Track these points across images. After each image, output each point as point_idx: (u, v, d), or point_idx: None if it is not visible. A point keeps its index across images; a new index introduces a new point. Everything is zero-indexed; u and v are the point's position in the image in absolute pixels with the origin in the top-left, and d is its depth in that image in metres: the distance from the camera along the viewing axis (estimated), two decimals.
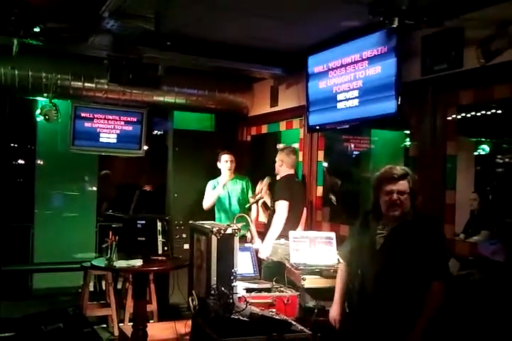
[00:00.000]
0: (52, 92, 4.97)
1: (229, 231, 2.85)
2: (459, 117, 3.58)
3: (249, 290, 3.39)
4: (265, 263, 4.29)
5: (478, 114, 3.80)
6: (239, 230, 2.89)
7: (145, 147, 5.88)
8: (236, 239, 2.87)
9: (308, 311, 3.38)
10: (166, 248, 4.14)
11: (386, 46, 3.70)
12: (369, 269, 2.69)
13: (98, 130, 5.58)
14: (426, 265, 2.57)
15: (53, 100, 5.08)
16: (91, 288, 5.30)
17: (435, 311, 2.52)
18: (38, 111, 5.16)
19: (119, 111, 5.63)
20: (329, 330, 2.97)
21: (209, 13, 3.72)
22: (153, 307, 5.05)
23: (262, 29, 4.08)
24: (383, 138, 6.12)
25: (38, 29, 3.86)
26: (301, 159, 5.03)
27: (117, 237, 3.94)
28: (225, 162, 5.14)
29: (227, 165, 5.13)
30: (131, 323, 4.22)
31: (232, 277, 2.80)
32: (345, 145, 6.24)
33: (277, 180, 4.67)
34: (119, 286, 5.51)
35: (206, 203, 5.19)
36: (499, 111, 3.76)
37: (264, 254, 4.25)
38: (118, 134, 5.67)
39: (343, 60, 4.16)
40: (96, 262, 3.99)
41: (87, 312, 4.85)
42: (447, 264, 2.73)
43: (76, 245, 6.33)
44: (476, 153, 4.42)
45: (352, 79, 4.06)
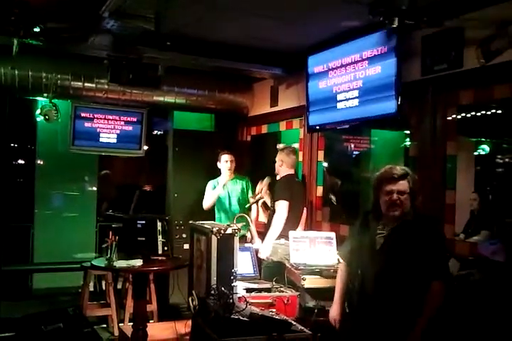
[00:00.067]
0: (52, 92, 4.97)
1: (229, 231, 2.85)
2: (459, 117, 3.58)
3: (249, 290, 3.39)
4: (265, 263, 4.30)
5: (478, 114, 3.79)
6: (239, 230, 2.89)
7: (145, 147, 5.88)
8: (236, 239, 2.87)
9: (308, 311, 3.38)
10: (166, 248, 4.14)
11: (386, 46, 3.70)
12: (369, 269, 2.69)
13: (98, 130, 5.58)
14: (426, 265, 2.57)
15: (53, 100, 5.08)
16: (91, 288, 5.30)
17: (435, 311, 2.52)
18: (38, 111, 5.16)
19: (119, 111, 5.63)
20: (329, 330, 2.97)
21: (209, 13, 3.72)
22: (153, 307, 5.05)
23: (262, 29, 4.08)
24: (383, 138, 6.11)
25: (38, 29, 3.86)
26: (301, 159, 5.03)
27: (117, 237, 3.94)
28: (225, 162, 5.15)
29: (227, 165, 5.14)
30: (131, 323, 4.22)
31: (232, 277, 2.80)
32: (345, 145, 6.24)
33: (277, 180, 4.67)
34: (119, 286, 5.51)
35: (206, 203, 5.19)
36: (499, 111, 3.76)
37: (264, 254, 4.25)
38: (118, 134, 5.67)
39: (343, 60, 4.16)
40: (96, 262, 3.99)
41: (87, 312, 4.85)
42: (447, 264, 2.73)
43: (76, 245, 6.33)
44: (476, 153, 4.41)
45: (352, 79, 4.06)
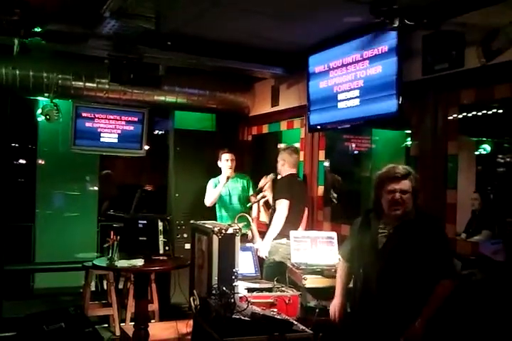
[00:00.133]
0: (53, 92, 4.97)
1: (230, 231, 2.85)
2: (460, 117, 3.58)
3: (250, 289, 3.39)
4: (266, 262, 4.30)
5: (479, 114, 3.78)
6: (240, 230, 2.90)
7: (146, 147, 5.87)
8: (237, 239, 2.87)
9: (309, 311, 3.39)
10: (168, 248, 4.14)
11: (387, 45, 3.70)
12: (371, 268, 2.68)
13: (99, 130, 5.58)
14: (433, 264, 2.58)
15: (54, 100, 5.07)
16: (92, 288, 5.31)
17: (441, 302, 2.54)
18: (39, 111, 5.16)
19: (120, 110, 5.62)
20: (331, 330, 2.97)
21: (209, 13, 3.72)
22: (154, 306, 5.06)
23: (263, 29, 4.08)
24: (384, 137, 6.10)
25: (39, 29, 3.87)
26: (302, 159, 5.03)
27: (119, 237, 3.95)
28: (226, 161, 5.15)
29: (227, 164, 5.14)
30: (132, 323, 4.22)
31: (233, 277, 2.80)
32: (346, 144, 6.23)
33: (279, 180, 4.67)
34: (121, 286, 5.51)
35: (208, 201, 5.20)
36: (500, 110, 3.74)
37: (263, 253, 4.26)
38: (119, 134, 5.66)
39: (344, 60, 4.15)
40: (97, 262, 4.00)
41: (89, 311, 4.86)
42: (453, 263, 2.74)
43: (77, 245, 6.33)
44: (477, 153, 4.40)
45: (353, 78, 4.06)
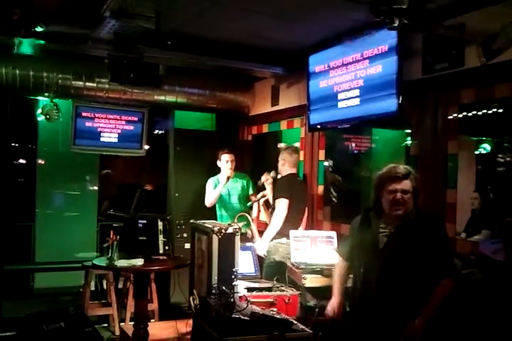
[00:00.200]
0: (53, 92, 4.98)
1: (230, 230, 2.85)
2: (460, 116, 3.58)
3: (250, 289, 3.39)
4: (266, 262, 4.30)
5: (479, 113, 3.78)
6: (240, 229, 2.90)
7: (146, 146, 5.88)
8: (237, 239, 2.87)
9: (309, 310, 3.39)
10: (167, 247, 4.14)
11: (387, 45, 3.69)
12: (372, 268, 2.68)
13: (99, 129, 5.58)
14: (433, 264, 2.58)
15: (54, 99, 5.08)
16: (92, 288, 5.30)
17: (441, 302, 2.54)
18: (39, 110, 5.16)
19: (120, 110, 5.63)
20: (330, 329, 2.96)
21: (210, 13, 3.72)
22: (154, 306, 5.06)
23: (263, 28, 4.08)
24: (384, 137, 6.10)
25: (39, 29, 3.87)
26: (302, 158, 5.03)
27: (118, 236, 3.95)
28: (226, 162, 5.13)
29: (227, 165, 5.13)
30: (132, 322, 4.22)
31: (233, 276, 2.80)
32: (346, 144, 6.23)
33: (278, 179, 4.67)
34: (120, 286, 5.51)
35: (208, 201, 5.20)
36: (500, 110, 3.74)
37: (260, 251, 4.26)
38: (119, 133, 5.67)
39: (344, 59, 4.15)
40: (97, 261, 4.00)
41: (89, 311, 4.86)
42: (454, 262, 2.74)
43: (77, 244, 6.32)
44: (477, 152, 4.40)
45: (353, 78, 4.06)
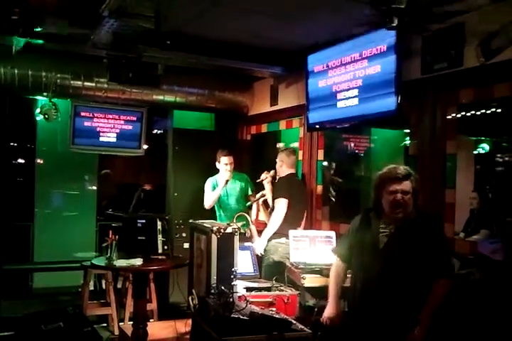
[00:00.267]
0: (51, 91, 4.97)
1: (229, 230, 2.85)
2: (459, 116, 3.58)
3: (249, 289, 3.39)
4: (265, 262, 4.31)
5: (478, 113, 3.78)
6: (239, 229, 2.90)
7: (145, 146, 5.87)
8: (236, 238, 2.87)
9: (308, 310, 3.39)
10: (166, 247, 4.14)
11: (385, 44, 3.69)
12: (372, 268, 2.68)
13: (98, 129, 5.57)
14: (432, 263, 2.59)
15: (53, 99, 5.08)
16: (91, 287, 5.29)
17: (441, 300, 2.55)
18: (38, 110, 5.16)
19: (119, 110, 5.62)
20: (329, 329, 2.96)
21: (209, 12, 3.72)
22: (153, 306, 5.05)
23: (262, 28, 4.07)
24: (383, 137, 6.10)
25: (38, 28, 3.86)
26: (300, 158, 5.03)
27: (117, 236, 3.95)
28: (225, 165, 5.10)
29: (226, 167, 5.10)
30: (131, 322, 4.22)
31: (232, 276, 2.80)
32: (345, 144, 6.23)
33: (278, 179, 4.67)
34: (119, 285, 5.50)
35: (207, 203, 5.19)
36: (499, 109, 3.75)
37: (258, 250, 4.28)
38: (118, 133, 5.66)
39: (343, 59, 4.15)
40: (96, 261, 4.00)
41: (87, 311, 4.85)
42: (451, 262, 2.74)
43: (76, 244, 6.32)
44: (476, 152, 4.40)
45: (352, 78, 4.05)
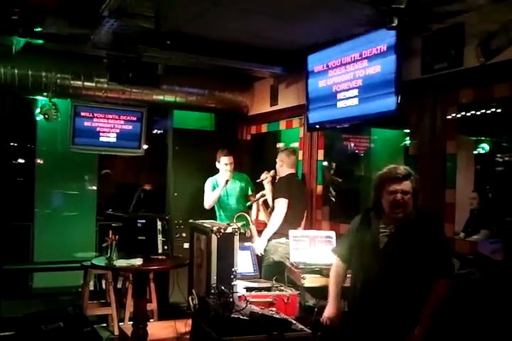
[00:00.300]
0: (51, 91, 4.97)
1: (229, 230, 2.85)
2: (459, 116, 3.58)
3: (249, 289, 3.39)
4: (265, 262, 4.31)
5: (478, 113, 3.79)
6: (239, 229, 2.90)
7: (145, 146, 5.87)
8: (236, 238, 2.87)
9: (308, 310, 3.39)
10: (166, 247, 4.14)
11: (385, 44, 3.69)
12: (372, 268, 2.68)
13: (98, 129, 5.57)
14: (432, 263, 2.59)
15: (53, 99, 5.08)
16: (91, 287, 5.29)
17: (441, 300, 2.55)
18: (38, 110, 5.16)
19: (119, 110, 5.62)
20: (329, 329, 2.96)
21: (209, 12, 3.71)
22: (153, 306, 5.05)
23: (262, 28, 4.07)
24: (383, 137, 6.10)
25: (38, 28, 3.86)
26: (300, 158, 5.03)
27: (117, 236, 3.95)
28: (225, 165, 5.10)
29: (226, 167, 5.10)
30: (131, 322, 4.22)
31: (232, 276, 2.80)
32: (345, 144, 6.23)
33: (278, 179, 4.67)
34: (119, 285, 5.50)
35: (207, 204, 5.19)
36: (499, 109, 3.75)
37: (258, 249, 4.28)
38: (118, 133, 5.66)
39: (343, 59, 4.15)
40: (96, 261, 4.00)
41: (87, 311, 4.85)
42: (450, 262, 2.74)
43: (76, 244, 6.32)
44: (476, 152, 4.41)
45: (352, 78, 4.05)
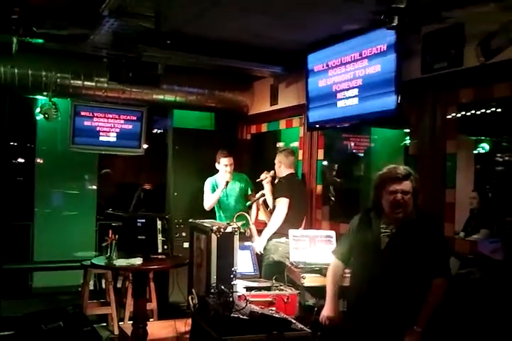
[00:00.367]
0: (51, 91, 4.97)
1: (229, 229, 2.85)
2: (459, 116, 3.58)
3: (249, 288, 3.39)
4: (265, 261, 4.31)
5: (478, 113, 3.79)
6: (239, 229, 2.90)
7: (145, 145, 5.87)
8: (236, 238, 2.88)
9: (308, 309, 3.39)
10: (166, 246, 4.14)
11: (386, 43, 3.69)
12: (372, 267, 2.68)
13: (98, 128, 5.57)
14: (430, 263, 2.59)
15: (53, 99, 5.08)
16: (91, 287, 5.29)
17: (440, 300, 2.56)
18: (38, 109, 5.16)
19: (119, 109, 5.62)
20: (329, 329, 2.97)
21: (209, 12, 3.71)
22: (153, 305, 5.05)
23: (262, 28, 4.07)
24: (383, 136, 6.10)
25: (38, 28, 3.86)
26: (300, 157, 5.03)
27: (117, 236, 3.95)
28: (225, 166, 5.07)
29: (226, 168, 5.07)
30: (131, 322, 4.23)
31: (232, 275, 2.80)
32: (345, 143, 6.23)
33: (278, 179, 4.66)
34: (119, 285, 5.50)
35: (207, 205, 5.16)
36: (499, 109, 3.75)
37: (257, 248, 4.29)
38: (118, 133, 5.66)
39: (343, 58, 4.15)
40: (96, 261, 4.00)
41: (87, 310, 4.85)
42: (448, 262, 2.75)
43: (76, 243, 6.32)
44: (476, 152, 4.41)
45: (352, 77, 4.05)
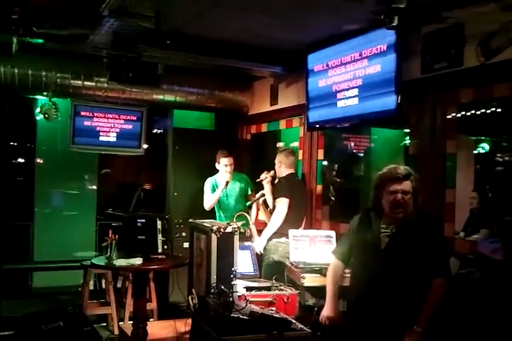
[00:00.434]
0: (51, 91, 4.97)
1: (229, 229, 2.85)
2: (459, 116, 3.58)
3: (249, 288, 3.39)
4: (265, 261, 4.31)
5: (478, 113, 3.79)
6: (239, 229, 2.90)
7: (145, 145, 5.87)
8: (236, 238, 2.88)
9: (308, 309, 3.39)
10: (166, 246, 4.14)
11: (386, 43, 3.69)
12: (372, 267, 2.68)
13: (98, 128, 5.57)
14: (430, 263, 2.59)
15: (53, 99, 5.08)
16: (91, 287, 5.29)
17: (440, 299, 2.56)
18: (38, 109, 5.16)
19: (119, 109, 5.62)
20: (329, 329, 2.97)
21: (209, 12, 3.71)
22: (153, 305, 5.05)
23: (262, 28, 4.07)
24: (383, 136, 6.11)
25: (38, 28, 3.86)
26: (300, 157, 5.03)
27: (117, 236, 3.95)
28: (225, 166, 5.06)
29: (226, 168, 5.06)
30: (131, 322, 4.23)
31: (232, 275, 2.80)
32: (345, 143, 6.23)
33: (278, 179, 4.66)
34: (119, 285, 5.50)
35: (207, 205, 5.16)
36: (499, 109, 3.76)
37: (257, 248, 4.29)
38: (118, 133, 5.66)
39: (343, 58, 4.15)
40: (96, 261, 4.00)
41: (87, 310, 4.85)
42: (448, 262, 2.75)
43: (76, 243, 6.32)
44: (476, 152, 4.41)
45: (352, 77, 4.05)
